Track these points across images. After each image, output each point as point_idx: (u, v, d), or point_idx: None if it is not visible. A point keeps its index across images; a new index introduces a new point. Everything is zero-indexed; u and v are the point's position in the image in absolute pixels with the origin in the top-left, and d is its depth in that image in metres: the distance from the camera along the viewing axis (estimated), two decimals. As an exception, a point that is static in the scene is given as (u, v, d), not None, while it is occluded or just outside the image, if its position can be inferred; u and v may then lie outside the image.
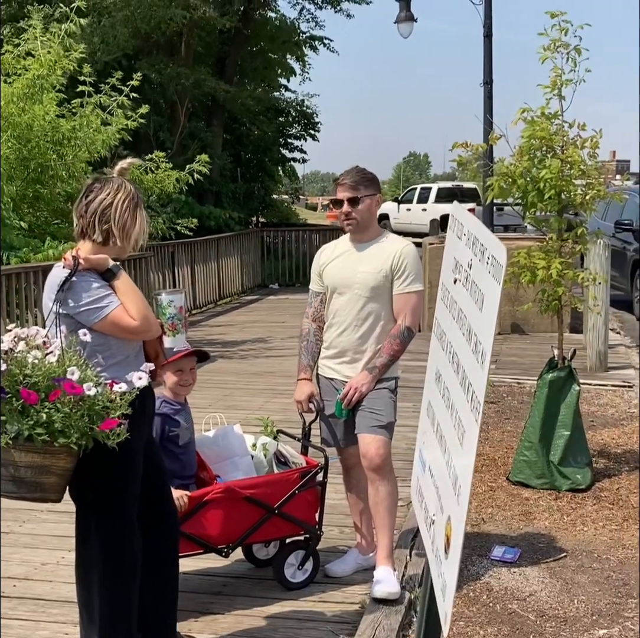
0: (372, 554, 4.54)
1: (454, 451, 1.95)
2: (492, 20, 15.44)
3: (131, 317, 3.25)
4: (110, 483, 3.31)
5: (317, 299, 4.42)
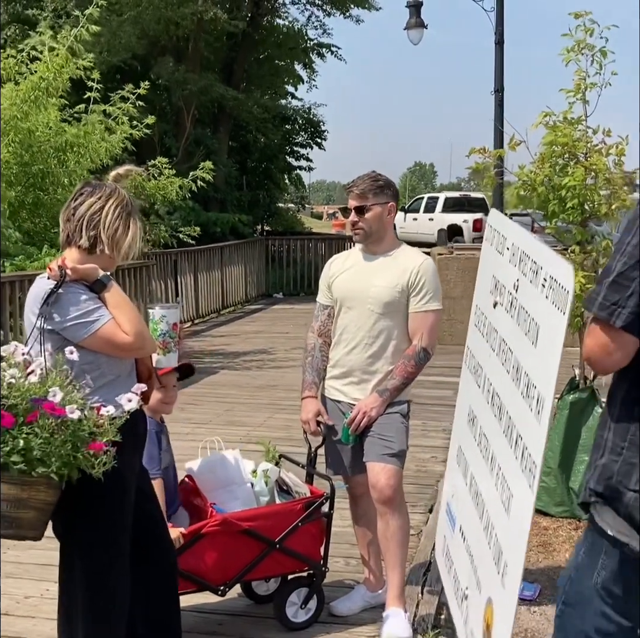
0: (380, 591, 4.20)
1: (496, 518, 1.59)
2: (504, 28, 15.15)
3: (124, 332, 2.93)
4: (98, 517, 2.98)
5: (325, 313, 4.09)
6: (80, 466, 2.71)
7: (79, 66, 10.10)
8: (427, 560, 4.67)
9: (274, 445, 4.35)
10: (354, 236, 3.95)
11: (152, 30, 16.64)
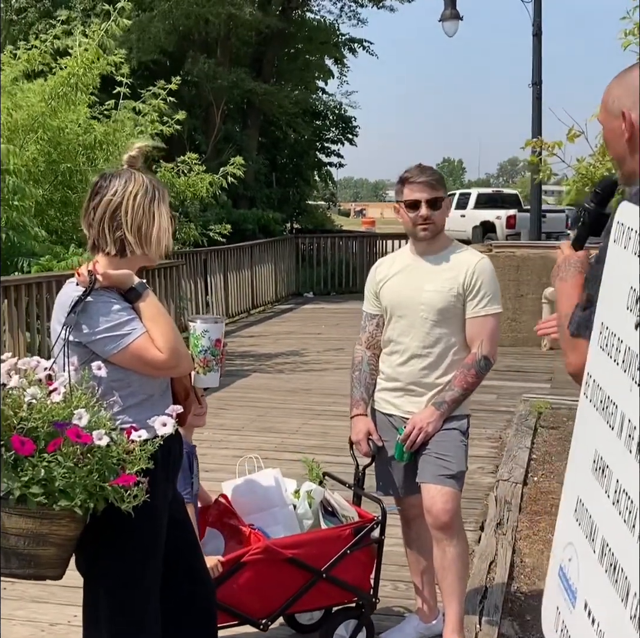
0: (434, 622, 3.86)
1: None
2: (542, 19, 14.75)
3: (157, 348, 2.60)
4: (126, 551, 2.65)
5: (373, 323, 3.75)
6: (108, 498, 2.40)
7: (109, 62, 9.85)
8: (483, 585, 4.33)
9: (317, 462, 4.01)
10: (420, 233, 3.56)
11: (182, 25, 16.38)
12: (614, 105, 2.23)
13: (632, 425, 1.40)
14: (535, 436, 7.04)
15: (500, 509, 5.35)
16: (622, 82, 2.26)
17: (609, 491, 1.46)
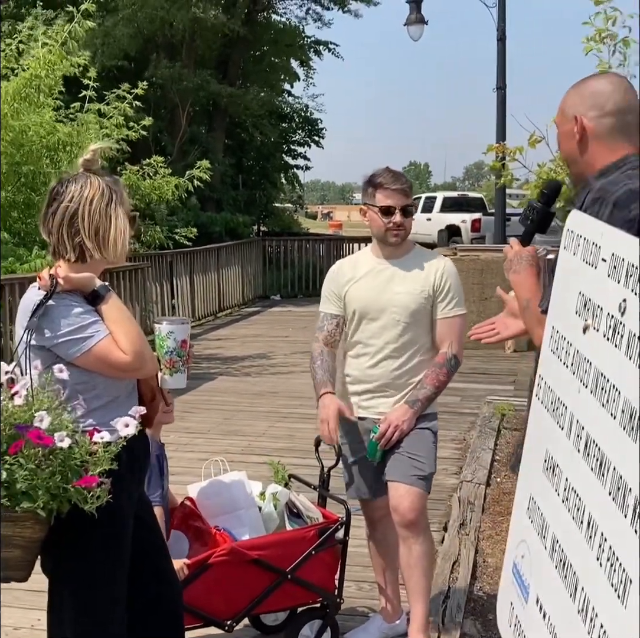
0: (398, 621, 3.90)
1: (600, 602, 1.28)
2: (506, 24, 14.89)
3: (121, 350, 2.61)
4: (90, 554, 2.66)
5: (333, 323, 3.77)
6: (71, 499, 2.41)
7: (73, 64, 9.79)
8: (446, 585, 4.38)
9: (283, 464, 4.04)
10: (391, 238, 3.60)
11: (146, 29, 16.33)
12: (569, 110, 2.48)
13: (580, 425, 1.45)
14: (499, 438, 7.12)
15: (464, 510, 5.41)
16: (577, 90, 2.52)
17: (559, 490, 1.51)
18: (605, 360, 1.39)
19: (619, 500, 1.27)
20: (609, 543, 1.29)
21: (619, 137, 2.44)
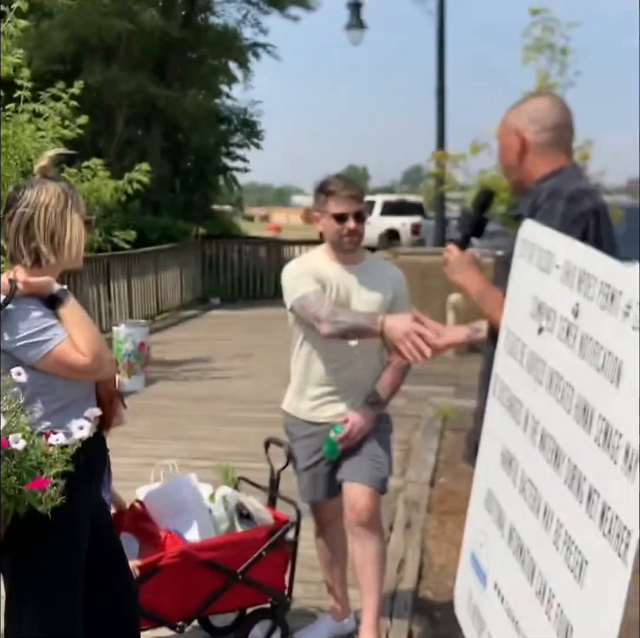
0: (347, 620, 3.96)
1: (557, 583, 1.34)
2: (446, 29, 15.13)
3: (80, 352, 2.63)
4: (49, 556, 2.68)
5: (325, 297, 3.56)
6: (26, 500, 2.42)
7: (7, 64, 9.63)
8: (393, 583, 4.45)
9: (232, 466, 4.06)
10: (346, 244, 3.61)
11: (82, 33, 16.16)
12: (511, 125, 2.80)
13: (536, 420, 1.52)
14: (442, 439, 7.24)
15: (409, 510, 5.49)
16: (519, 107, 2.86)
17: (516, 481, 1.57)
18: (559, 360, 1.46)
19: (575, 488, 1.35)
20: (565, 529, 1.36)
21: (556, 150, 2.77)
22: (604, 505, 1.25)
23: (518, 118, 2.82)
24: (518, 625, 1.45)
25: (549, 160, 2.76)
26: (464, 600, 1.79)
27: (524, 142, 2.76)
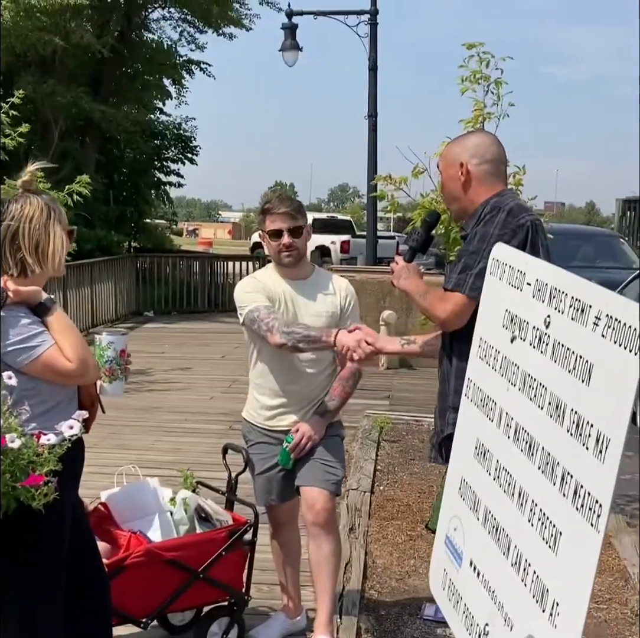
0: (299, 618, 4.17)
1: (533, 554, 1.59)
2: (377, 54, 15.51)
3: (66, 358, 2.81)
4: (34, 550, 2.83)
5: (275, 311, 3.76)
6: (19, 497, 2.58)
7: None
8: (341, 584, 4.66)
9: (191, 472, 4.25)
10: (284, 259, 3.82)
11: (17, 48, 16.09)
12: (454, 158, 3.17)
13: (510, 416, 1.78)
14: (379, 449, 7.49)
15: (352, 516, 5.73)
16: (460, 142, 3.26)
17: (490, 470, 1.83)
18: (531, 364, 1.72)
19: (548, 473, 1.60)
20: (540, 507, 1.62)
21: (495, 179, 3.16)
22: (577, 484, 1.51)
23: (460, 151, 3.19)
24: (494, 594, 1.70)
25: (489, 188, 3.13)
26: (439, 578, 2.03)
27: (468, 173, 3.12)
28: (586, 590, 1.46)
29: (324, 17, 16.14)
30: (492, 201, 3.07)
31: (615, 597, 4.84)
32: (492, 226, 2.96)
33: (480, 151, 3.18)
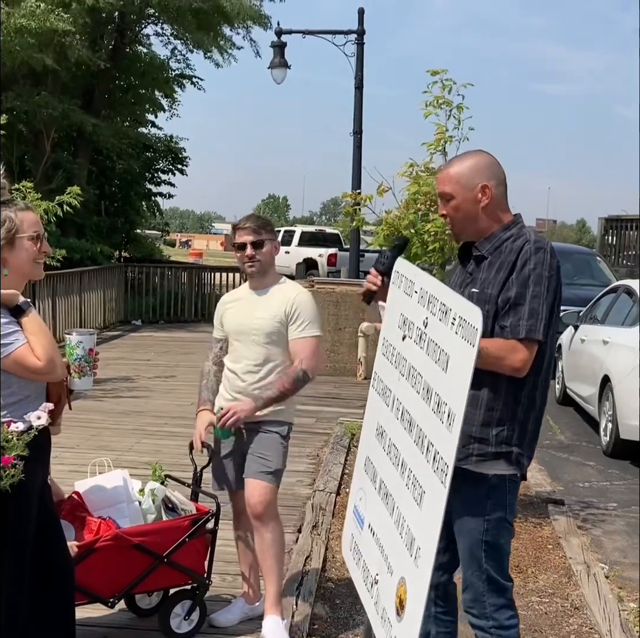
0: (258, 603, 4.48)
1: (407, 512, 1.94)
2: (363, 73, 15.92)
3: (36, 357, 3.13)
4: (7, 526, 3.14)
5: (218, 346, 4.44)
6: None
7: None
8: (299, 575, 4.99)
9: (160, 465, 4.57)
10: (248, 269, 4.24)
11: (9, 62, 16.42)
12: (470, 180, 3.12)
13: (399, 401, 2.13)
14: (349, 455, 7.82)
15: (316, 514, 6.05)
16: (470, 163, 3.18)
17: (384, 446, 2.18)
18: (414, 357, 2.07)
19: (419, 444, 1.96)
20: (413, 473, 1.97)
21: (506, 201, 3.23)
22: (435, 451, 1.87)
23: (477, 174, 3.14)
24: (382, 548, 2.05)
25: (503, 210, 3.19)
26: (348, 542, 2.38)
27: (490, 195, 3.11)
28: (436, 533, 1.80)
29: (312, 35, 16.54)
30: (531, 236, 3.13)
31: (558, 592, 5.17)
32: (542, 267, 3.02)
33: (495, 171, 3.19)
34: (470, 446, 2.88)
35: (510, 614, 3.10)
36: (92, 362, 3.42)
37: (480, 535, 2.93)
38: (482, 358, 2.75)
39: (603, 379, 9.11)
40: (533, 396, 3.02)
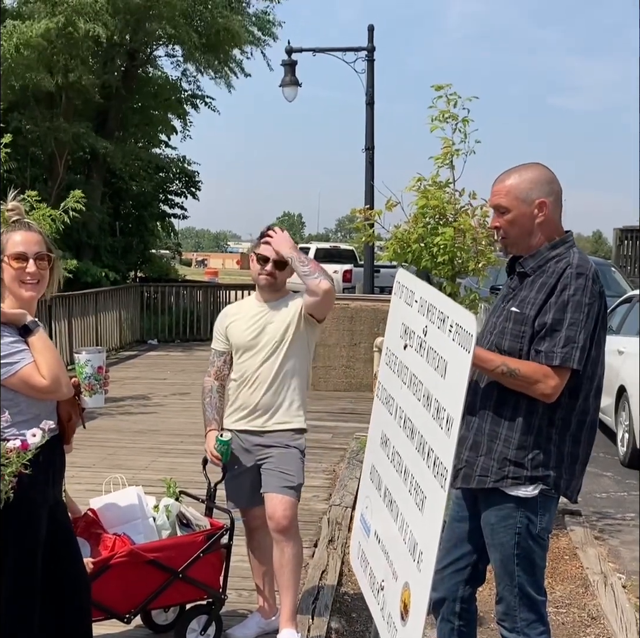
0: (274, 618, 4.49)
1: (410, 517, 1.96)
2: (374, 89, 16.01)
3: (42, 376, 3.16)
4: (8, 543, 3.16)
5: (221, 359, 4.41)
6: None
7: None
8: (316, 589, 5.00)
9: (174, 481, 4.60)
10: (261, 281, 4.23)
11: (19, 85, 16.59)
12: (528, 194, 3.06)
13: (401, 409, 2.16)
14: (364, 469, 7.83)
15: (332, 529, 6.06)
16: (530, 177, 3.11)
17: (389, 455, 2.21)
18: (415, 365, 2.10)
19: (421, 451, 1.98)
20: (415, 479, 1.99)
21: (559, 218, 3.17)
22: (435, 456, 1.89)
23: (536, 189, 3.08)
24: (388, 555, 2.07)
25: (557, 227, 3.14)
26: (356, 550, 2.41)
27: (547, 211, 3.07)
28: (437, 537, 1.83)
29: (322, 53, 16.64)
30: (575, 258, 3.08)
31: (574, 602, 5.16)
32: (582, 294, 2.98)
33: (554, 188, 3.13)
34: (506, 468, 2.87)
35: (541, 630, 3.09)
36: (102, 380, 3.44)
37: (512, 549, 2.93)
38: (514, 379, 2.82)
39: (619, 390, 9.08)
40: (569, 418, 3.03)
